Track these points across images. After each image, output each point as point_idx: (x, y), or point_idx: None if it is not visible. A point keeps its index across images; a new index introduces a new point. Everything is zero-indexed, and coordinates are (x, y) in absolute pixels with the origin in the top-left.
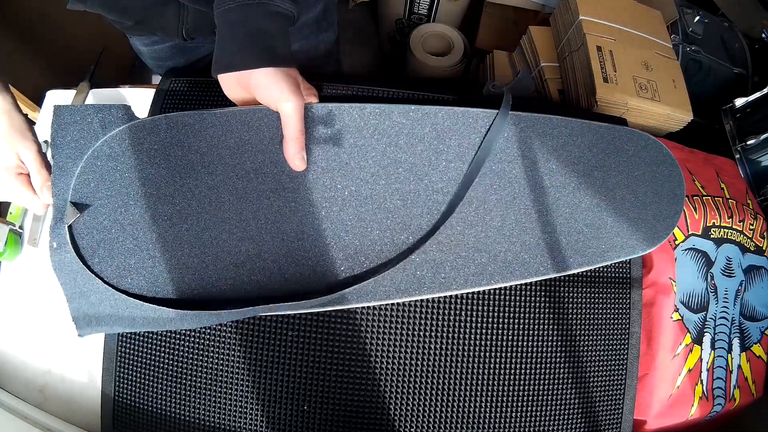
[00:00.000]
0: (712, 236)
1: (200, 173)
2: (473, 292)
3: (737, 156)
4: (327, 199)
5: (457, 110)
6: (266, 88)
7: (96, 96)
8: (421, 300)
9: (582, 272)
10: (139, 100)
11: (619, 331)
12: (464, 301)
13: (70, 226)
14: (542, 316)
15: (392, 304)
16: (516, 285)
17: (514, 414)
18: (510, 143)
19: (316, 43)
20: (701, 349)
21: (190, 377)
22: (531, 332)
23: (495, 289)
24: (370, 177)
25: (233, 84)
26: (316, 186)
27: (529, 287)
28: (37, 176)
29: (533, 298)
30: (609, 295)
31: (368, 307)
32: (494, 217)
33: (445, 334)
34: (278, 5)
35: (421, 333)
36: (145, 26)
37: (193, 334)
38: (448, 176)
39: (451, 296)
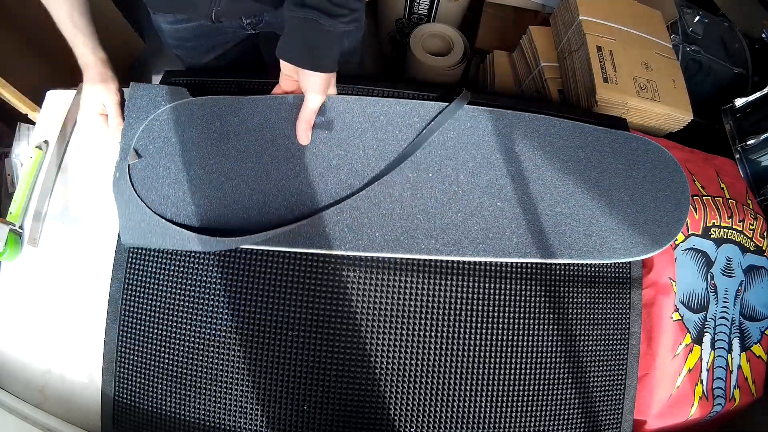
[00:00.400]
0: (712, 236)
1: (231, 140)
2: (472, 293)
3: (737, 156)
4: (325, 166)
5: (441, 104)
6: (307, 79)
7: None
8: (421, 300)
9: (582, 272)
10: None
11: (619, 331)
12: (464, 301)
13: (129, 165)
14: (542, 316)
15: (390, 304)
16: (514, 284)
17: (514, 414)
18: (491, 135)
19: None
20: (701, 349)
21: (190, 377)
22: (531, 332)
23: (492, 285)
24: (362, 152)
25: (288, 64)
26: (317, 156)
27: (528, 287)
28: (114, 120)
29: (533, 298)
30: (609, 295)
31: (367, 308)
32: (473, 199)
33: (444, 334)
34: (329, 27)
35: (421, 333)
36: (177, 3)
37: (193, 334)
38: (430, 156)
39: (449, 295)
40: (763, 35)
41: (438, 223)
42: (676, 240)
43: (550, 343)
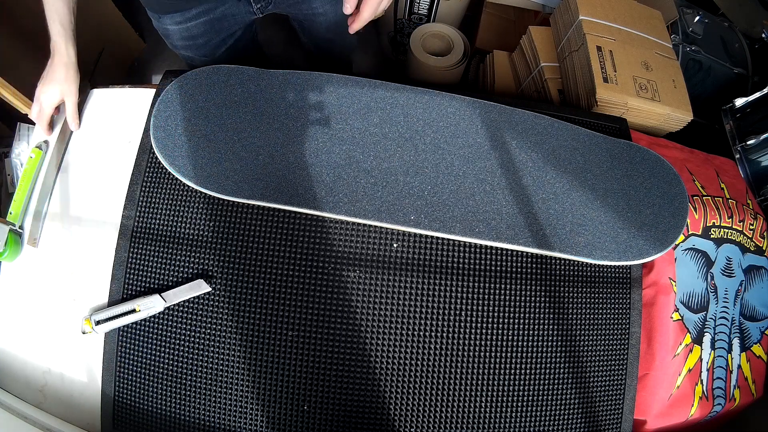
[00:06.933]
0: (712, 236)
1: (249, 104)
2: (472, 293)
3: (737, 156)
4: (329, 136)
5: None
6: None
7: (96, 96)
8: (421, 300)
9: (582, 272)
10: (139, 100)
11: (619, 331)
12: (464, 301)
13: (154, 112)
14: (542, 316)
15: (390, 304)
16: (514, 285)
17: (514, 414)
18: (489, 127)
19: None
20: (701, 349)
21: (190, 377)
22: (531, 332)
23: (492, 285)
24: (366, 129)
25: None
26: (325, 126)
27: (528, 287)
28: (71, 121)
29: (533, 299)
30: (609, 295)
31: (367, 308)
32: (465, 183)
33: (445, 334)
34: None
35: (421, 333)
36: None
37: (193, 334)
38: (428, 139)
39: (449, 296)
40: (763, 35)
41: (429, 201)
42: (677, 240)
43: (550, 343)
